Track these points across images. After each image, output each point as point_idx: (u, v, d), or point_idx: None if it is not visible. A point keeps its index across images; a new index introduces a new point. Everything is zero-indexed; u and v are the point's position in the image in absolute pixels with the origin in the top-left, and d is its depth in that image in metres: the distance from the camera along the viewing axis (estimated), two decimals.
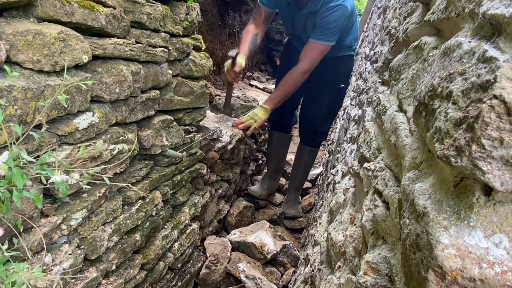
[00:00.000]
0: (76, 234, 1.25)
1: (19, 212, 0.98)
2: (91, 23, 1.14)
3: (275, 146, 3.31)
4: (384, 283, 0.74)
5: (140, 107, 1.49)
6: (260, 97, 4.10)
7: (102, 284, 1.41)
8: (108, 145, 1.30)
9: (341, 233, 1.20)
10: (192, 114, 1.98)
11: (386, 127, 1.02)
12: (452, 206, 0.51)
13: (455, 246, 0.47)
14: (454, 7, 0.75)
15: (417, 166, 0.70)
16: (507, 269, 0.44)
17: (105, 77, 1.24)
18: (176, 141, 1.78)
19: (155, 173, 1.71)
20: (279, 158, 3.35)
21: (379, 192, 0.92)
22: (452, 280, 0.46)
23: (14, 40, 0.90)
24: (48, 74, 1.00)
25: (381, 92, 1.33)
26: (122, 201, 1.47)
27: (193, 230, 2.15)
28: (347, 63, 2.96)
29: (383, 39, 1.93)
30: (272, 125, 3.30)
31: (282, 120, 3.17)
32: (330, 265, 1.29)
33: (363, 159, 1.25)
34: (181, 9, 1.68)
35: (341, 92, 3.02)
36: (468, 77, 0.51)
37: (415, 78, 0.92)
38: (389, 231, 0.79)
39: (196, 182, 2.21)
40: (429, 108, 0.61)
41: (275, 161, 3.35)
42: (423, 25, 1.02)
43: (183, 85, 1.82)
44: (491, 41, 0.52)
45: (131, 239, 1.55)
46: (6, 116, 0.88)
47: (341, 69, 2.91)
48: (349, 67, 3.02)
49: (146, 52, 1.43)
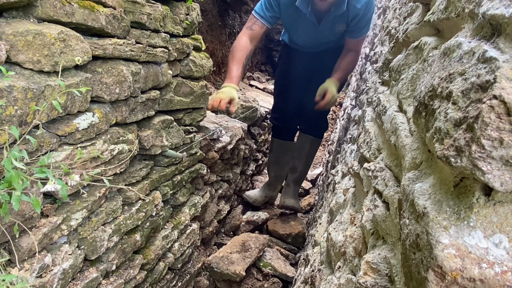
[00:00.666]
0: (76, 234, 1.25)
1: (19, 212, 0.98)
2: (91, 23, 1.14)
3: (276, 154, 3.16)
4: (384, 283, 0.74)
5: (140, 107, 1.49)
6: (260, 97, 4.10)
7: (102, 284, 1.41)
8: (108, 145, 1.30)
9: (341, 233, 1.20)
10: (192, 114, 1.98)
11: (386, 127, 1.02)
12: (452, 206, 0.51)
13: (455, 246, 0.47)
14: (454, 7, 0.75)
15: (417, 166, 0.70)
16: (507, 269, 0.44)
17: (105, 77, 1.24)
18: (176, 141, 1.78)
19: (155, 173, 1.71)
20: (280, 167, 3.20)
21: (379, 192, 0.92)
22: (452, 280, 0.46)
23: (14, 41, 0.90)
24: (48, 75, 1.00)
25: (381, 92, 1.33)
26: (122, 201, 1.47)
27: (193, 230, 2.15)
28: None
29: (383, 39, 1.93)
30: (274, 132, 3.16)
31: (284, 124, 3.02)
32: (330, 265, 1.29)
33: (363, 159, 1.25)
34: (181, 10, 1.68)
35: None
36: (468, 77, 0.51)
37: (415, 78, 0.93)
38: (389, 231, 0.79)
39: (196, 182, 2.21)
40: (429, 108, 0.61)
41: (275, 169, 3.21)
42: (423, 26, 1.02)
43: (183, 85, 1.82)
44: (491, 42, 0.52)
45: (131, 239, 1.55)
46: (6, 117, 0.88)
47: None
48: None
49: (146, 53, 1.43)
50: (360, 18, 2.37)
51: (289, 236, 2.91)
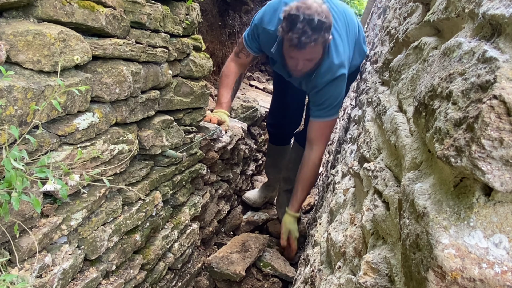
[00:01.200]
0: (76, 234, 1.25)
1: (19, 212, 0.98)
2: (91, 23, 1.14)
3: (272, 158, 3.13)
4: (384, 283, 0.74)
5: (140, 107, 1.49)
6: (260, 97, 4.10)
7: (102, 284, 1.41)
8: (108, 145, 1.30)
9: (341, 233, 1.20)
10: (192, 114, 1.98)
11: (386, 127, 1.02)
12: (452, 206, 0.51)
13: (455, 246, 0.47)
14: (454, 7, 0.75)
15: (417, 166, 0.70)
16: (507, 269, 0.44)
17: (105, 77, 1.24)
18: (176, 141, 1.78)
19: (155, 173, 1.71)
20: (277, 170, 3.18)
21: (379, 192, 0.92)
22: (452, 280, 0.46)
23: (14, 41, 0.90)
24: (48, 75, 1.00)
25: (381, 92, 1.33)
26: (122, 201, 1.47)
27: (193, 230, 2.15)
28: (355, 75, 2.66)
29: (383, 39, 1.93)
30: (271, 138, 3.10)
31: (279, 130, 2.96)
32: (330, 265, 1.29)
33: (363, 159, 1.25)
34: (181, 10, 1.68)
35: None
36: (468, 77, 0.51)
37: (415, 78, 0.93)
38: (389, 231, 0.79)
39: (196, 182, 2.21)
40: (429, 108, 0.61)
41: (273, 172, 3.20)
42: (423, 26, 1.02)
43: (183, 85, 1.82)
44: (491, 42, 0.52)
45: (131, 239, 1.55)
46: (6, 117, 0.88)
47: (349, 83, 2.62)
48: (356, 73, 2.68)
49: (146, 53, 1.43)
50: (318, 92, 2.17)
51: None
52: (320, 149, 2.31)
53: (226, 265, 2.28)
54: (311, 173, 2.34)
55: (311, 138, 2.31)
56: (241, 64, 2.44)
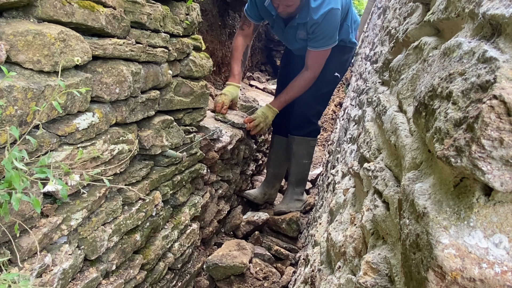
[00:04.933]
0: (76, 234, 1.25)
1: (19, 212, 0.98)
2: (91, 23, 1.14)
3: (275, 150, 3.26)
4: (384, 283, 0.74)
5: (140, 107, 1.49)
6: (260, 97, 4.10)
7: (102, 284, 1.41)
8: (108, 145, 1.30)
9: (341, 233, 1.20)
10: (192, 114, 1.98)
11: (386, 127, 1.02)
12: (452, 206, 0.51)
13: (455, 246, 0.47)
14: (454, 7, 0.75)
15: (417, 166, 0.70)
16: (507, 269, 0.44)
17: (105, 77, 1.24)
18: (176, 141, 1.78)
19: (155, 173, 1.71)
20: (278, 163, 3.26)
21: (379, 192, 0.92)
22: (452, 280, 0.46)
23: (14, 41, 0.90)
24: (48, 75, 1.00)
25: (381, 92, 1.33)
26: (122, 201, 1.47)
27: (193, 230, 2.15)
28: (343, 53, 2.92)
29: (383, 39, 1.93)
30: (275, 129, 3.24)
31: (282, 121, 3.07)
32: (330, 265, 1.29)
33: (363, 159, 1.25)
34: (181, 10, 1.68)
35: (335, 81, 3.01)
36: (468, 77, 0.51)
37: (415, 78, 0.92)
38: (389, 231, 0.79)
39: (196, 182, 2.21)
40: (429, 108, 0.61)
41: (274, 165, 3.27)
42: (423, 26, 1.02)
43: (183, 85, 1.82)
44: (491, 42, 0.52)
45: (131, 239, 1.55)
46: (6, 117, 0.88)
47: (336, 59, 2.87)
48: (346, 57, 2.99)
49: (146, 53, 1.43)
50: (317, 27, 2.50)
51: (283, 222, 2.97)
52: (312, 72, 2.74)
53: (230, 259, 2.35)
54: (299, 83, 2.77)
55: (308, 64, 2.73)
56: (246, 35, 2.81)
